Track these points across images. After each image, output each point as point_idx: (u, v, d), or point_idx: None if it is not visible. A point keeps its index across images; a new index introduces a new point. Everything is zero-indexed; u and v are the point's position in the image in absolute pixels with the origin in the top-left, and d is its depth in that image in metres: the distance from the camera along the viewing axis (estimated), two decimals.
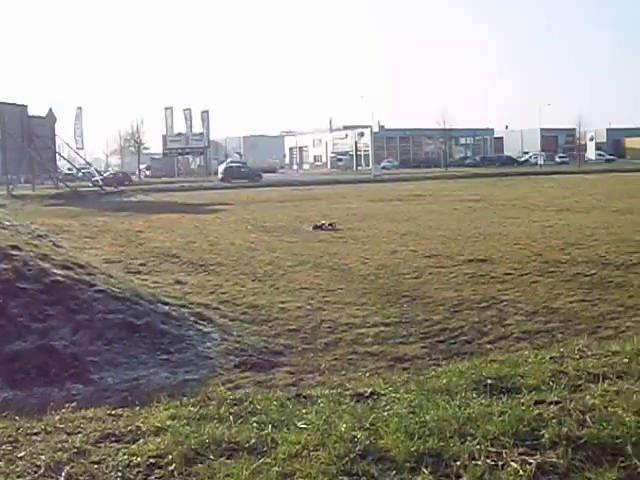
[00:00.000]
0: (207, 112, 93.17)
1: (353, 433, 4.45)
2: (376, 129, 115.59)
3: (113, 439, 4.75)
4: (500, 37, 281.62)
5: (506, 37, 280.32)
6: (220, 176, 73.50)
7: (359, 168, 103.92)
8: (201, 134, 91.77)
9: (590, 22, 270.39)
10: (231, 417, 4.98)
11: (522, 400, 5.04)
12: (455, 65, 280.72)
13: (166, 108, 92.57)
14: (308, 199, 40.29)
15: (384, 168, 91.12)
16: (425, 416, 4.68)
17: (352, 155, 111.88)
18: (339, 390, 5.70)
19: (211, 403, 5.41)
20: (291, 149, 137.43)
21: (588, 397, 5.08)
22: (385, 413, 4.84)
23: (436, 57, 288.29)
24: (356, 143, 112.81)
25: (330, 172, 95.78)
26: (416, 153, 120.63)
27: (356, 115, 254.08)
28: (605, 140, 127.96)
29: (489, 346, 9.57)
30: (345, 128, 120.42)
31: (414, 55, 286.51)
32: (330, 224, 23.89)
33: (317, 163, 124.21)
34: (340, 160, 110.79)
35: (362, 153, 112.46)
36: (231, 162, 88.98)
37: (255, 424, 4.79)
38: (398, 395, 5.32)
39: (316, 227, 23.78)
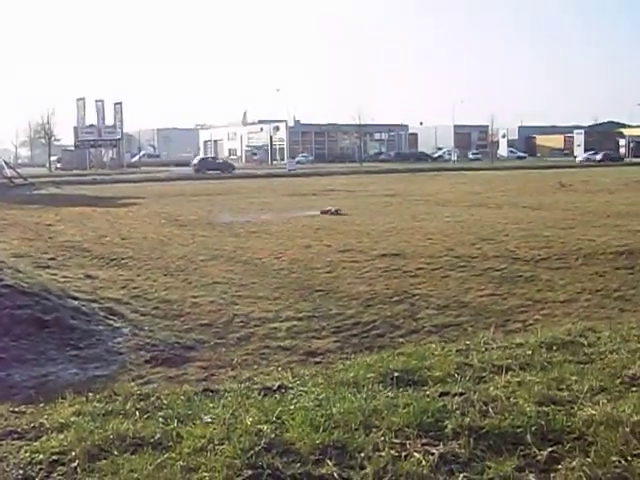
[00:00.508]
0: (120, 104, 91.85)
1: (259, 426, 4.45)
2: (291, 123, 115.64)
3: (15, 436, 4.65)
4: (415, 35, 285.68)
5: (420, 35, 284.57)
6: (194, 167, 76.81)
7: (274, 162, 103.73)
8: (114, 126, 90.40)
9: (502, 21, 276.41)
10: (137, 412, 4.93)
11: (427, 392, 5.13)
12: (372, 61, 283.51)
13: (78, 99, 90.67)
14: (222, 193, 40.02)
15: (299, 162, 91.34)
16: (331, 409, 4.72)
17: (267, 149, 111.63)
18: (247, 384, 5.70)
19: (117, 399, 5.34)
20: (206, 142, 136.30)
21: (491, 388, 5.20)
22: (292, 406, 4.86)
23: (353, 52, 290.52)
24: (271, 137, 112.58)
25: (245, 166, 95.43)
26: (331, 148, 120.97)
27: (272, 109, 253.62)
28: (517, 137, 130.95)
29: (401, 340, 9.67)
30: (260, 122, 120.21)
31: (331, 50, 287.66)
32: (336, 210, 25.84)
33: (232, 157, 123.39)
34: (255, 154, 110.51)
35: (277, 147, 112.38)
36: (204, 155, 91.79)
37: (161, 419, 4.76)
38: (306, 388, 5.35)
39: (323, 212, 25.79)
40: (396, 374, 5.52)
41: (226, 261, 15.81)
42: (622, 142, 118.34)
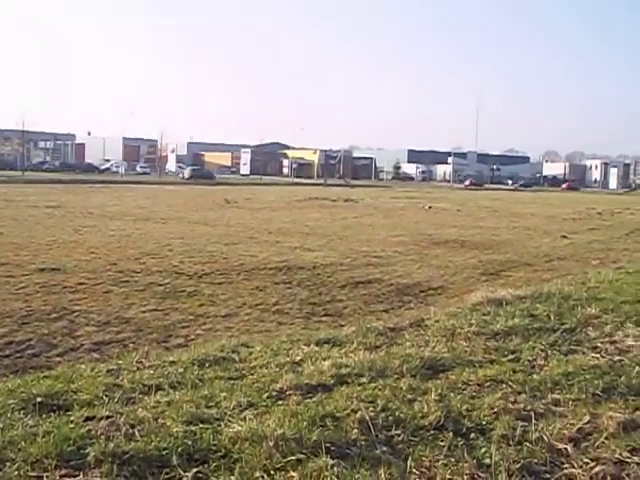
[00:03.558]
0: None
1: None
2: None
3: None
4: (92, 39, 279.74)
5: (95, 40, 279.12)
6: (187, 175, 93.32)
7: None
8: None
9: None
10: None
11: (72, 417, 4.90)
12: (41, 63, 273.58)
13: None
14: None
15: None
16: None
17: None
18: None
19: None
20: None
21: (140, 410, 5.08)
22: None
23: (18, 50, 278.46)
24: None
25: None
26: None
27: None
28: (186, 153, 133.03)
29: (58, 359, 9.25)
30: None
31: None
32: None
33: None
34: None
35: None
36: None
37: None
38: None
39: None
40: (39, 399, 5.21)
41: None
42: (286, 162, 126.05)
